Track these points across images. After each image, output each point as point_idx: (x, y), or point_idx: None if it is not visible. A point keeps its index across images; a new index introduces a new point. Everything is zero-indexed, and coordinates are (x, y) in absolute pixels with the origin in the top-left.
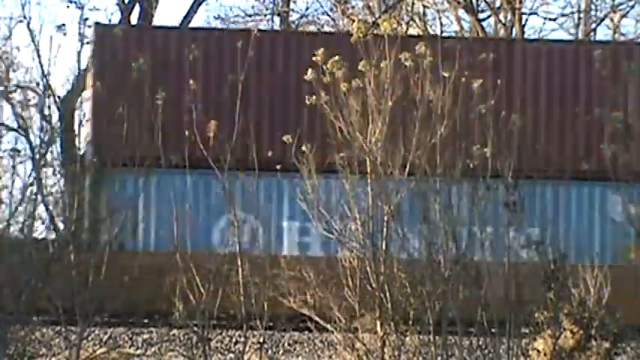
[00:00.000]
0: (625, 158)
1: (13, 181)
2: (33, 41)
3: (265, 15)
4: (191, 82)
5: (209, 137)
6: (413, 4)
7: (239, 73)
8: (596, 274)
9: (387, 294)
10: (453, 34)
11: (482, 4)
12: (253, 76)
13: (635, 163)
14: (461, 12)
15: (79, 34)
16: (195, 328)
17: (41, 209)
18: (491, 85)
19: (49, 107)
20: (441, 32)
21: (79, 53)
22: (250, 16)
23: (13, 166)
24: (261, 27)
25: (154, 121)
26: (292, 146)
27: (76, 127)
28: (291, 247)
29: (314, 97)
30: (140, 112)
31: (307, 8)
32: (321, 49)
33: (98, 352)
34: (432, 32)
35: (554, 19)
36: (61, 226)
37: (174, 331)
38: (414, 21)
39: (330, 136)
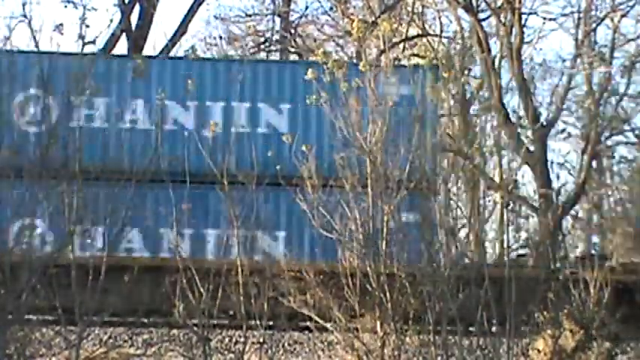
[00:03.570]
0: None
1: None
2: (34, 41)
3: (265, 15)
4: None
5: None
6: (413, 3)
7: None
8: (596, 275)
9: (387, 294)
10: (452, 34)
11: (482, 4)
12: None
13: None
14: (461, 12)
15: (79, 34)
16: (195, 328)
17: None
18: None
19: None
20: (441, 32)
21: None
22: (250, 15)
23: None
24: (261, 27)
25: None
26: None
27: None
28: None
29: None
30: None
31: (307, 7)
32: (321, 50)
33: (98, 352)
34: (431, 32)
35: (554, 19)
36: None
37: (174, 331)
38: (414, 21)
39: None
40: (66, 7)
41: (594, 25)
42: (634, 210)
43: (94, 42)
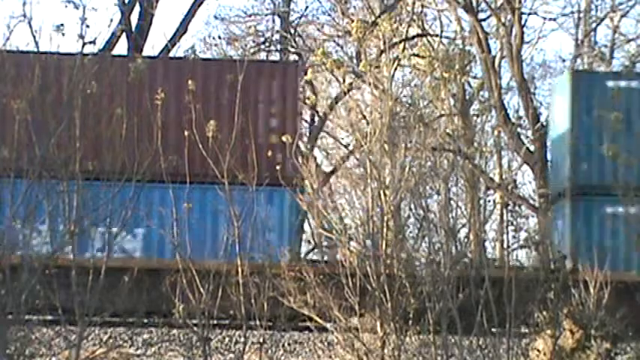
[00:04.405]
0: None
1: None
2: (34, 40)
3: (265, 15)
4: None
5: None
6: (413, 3)
7: None
8: (596, 275)
9: (387, 294)
10: (452, 34)
11: (482, 4)
12: None
13: None
14: (461, 12)
15: (79, 34)
16: (195, 328)
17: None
18: None
19: None
20: (441, 32)
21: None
22: (250, 15)
23: None
24: (261, 27)
25: None
26: None
27: None
28: None
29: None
30: None
31: (307, 7)
32: (321, 50)
33: (98, 352)
34: (431, 32)
35: (554, 19)
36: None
37: (174, 331)
38: (414, 21)
39: None
40: (66, 7)
41: (594, 25)
42: None
43: (94, 42)
